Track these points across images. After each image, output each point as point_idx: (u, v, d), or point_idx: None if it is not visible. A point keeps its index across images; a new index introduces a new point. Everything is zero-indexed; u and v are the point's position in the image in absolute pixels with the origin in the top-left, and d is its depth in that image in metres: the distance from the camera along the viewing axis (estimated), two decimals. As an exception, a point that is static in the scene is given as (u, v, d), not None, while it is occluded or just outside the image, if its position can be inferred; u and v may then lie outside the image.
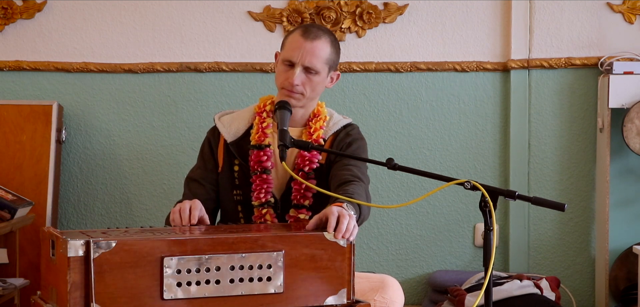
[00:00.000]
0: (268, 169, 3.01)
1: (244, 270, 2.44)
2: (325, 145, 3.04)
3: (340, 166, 2.98)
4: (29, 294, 3.79)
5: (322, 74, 3.03)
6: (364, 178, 2.96)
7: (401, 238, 4.59)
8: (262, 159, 3.01)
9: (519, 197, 2.54)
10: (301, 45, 3.00)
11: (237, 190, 3.05)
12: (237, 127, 3.09)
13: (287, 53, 3.02)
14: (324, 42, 3.01)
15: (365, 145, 3.13)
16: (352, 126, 3.14)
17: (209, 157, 3.11)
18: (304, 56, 2.99)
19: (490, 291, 2.50)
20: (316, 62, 3.00)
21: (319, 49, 3.00)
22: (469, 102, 4.55)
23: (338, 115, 3.14)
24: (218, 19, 4.48)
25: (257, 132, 3.04)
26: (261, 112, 3.08)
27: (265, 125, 3.05)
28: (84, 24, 4.48)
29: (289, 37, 3.06)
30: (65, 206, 4.53)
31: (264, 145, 3.03)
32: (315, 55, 2.99)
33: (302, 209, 3.00)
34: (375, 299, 2.88)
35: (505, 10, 4.50)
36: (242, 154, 3.05)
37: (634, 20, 4.50)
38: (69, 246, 2.29)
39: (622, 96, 4.32)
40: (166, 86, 4.51)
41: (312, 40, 3.00)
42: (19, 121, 4.31)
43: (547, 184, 4.57)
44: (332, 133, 3.08)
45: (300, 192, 2.99)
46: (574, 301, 4.56)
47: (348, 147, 3.06)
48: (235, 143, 3.07)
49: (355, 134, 3.11)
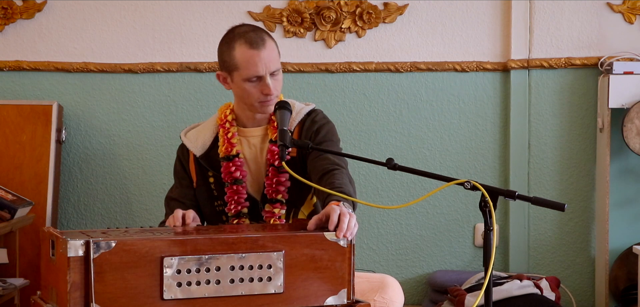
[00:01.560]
0: (239, 180, 3.00)
1: (244, 270, 2.44)
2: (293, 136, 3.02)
3: (317, 155, 2.95)
4: (29, 294, 3.79)
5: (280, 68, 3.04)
6: (342, 163, 2.94)
7: (401, 238, 4.59)
8: (231, 170, 3.00)
9: (519, 197, 2.54)
10: (259, 56, 2.96)
11: (217, 201, 3.05)
12: (204, 140, 3.08)
13: (250, 70, 2.98)
14: (271, 43, 3.01)
15: (333, 128, 3.09)
16: (316, 111, 3.10)
17: (183, 174, 3.10)
18: (267, 64, 2.96)
19: (490, 291, 2.50)
20: (277, 63, 3.00)
21: (273, 52, 2.99)
22: (469, 102, 4.55)
23: (300, 104, 3.11)
24: (218, 19, 4.48)
25: (224, 144, 3.03)
26: (224, 123, 3.07)
27: (230, 135, 3.04)
28: (84, 24, 4.48)
29: (237, 55, 3.00)
30: (65, 206, 4.53)
31: (233, 156, 3.02)
32: (273, 59, 2.98)
33: (276, 203, 2.99)
34: (375, 299, 2.87)
35: (505, 10, 4.50)
36: (214, 165, 3.04)
37: (634, 20, 4.50)
38: (69, 246, 2.29)
39: (622, 96, 4.32)
40: (166, 86, 4.51)
41: (265, 47, 2.97)
42: (19, 121, 4.31)
43: (547, 184, 4.57)
44: (297, 123, 3.05)
45: (273, 187, 2.98)
46: (574, 301, 4.56)
47: (317, 134, 3.03)
48: (205, 156, 3.06)
49: (320, 119, 3.07)
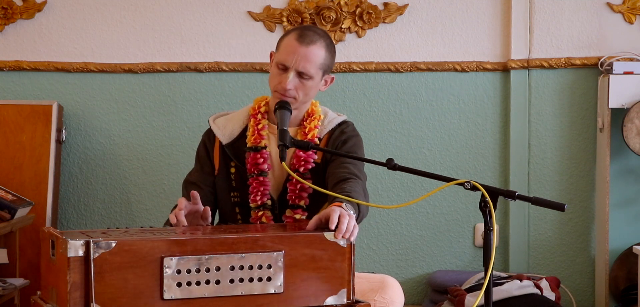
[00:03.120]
0: (265, 171, 3.00)
1: (243, 270, 2.44)
2: (321, 144, 3.03)
3: (337, 164, 2.97)
4: (29, 294, 3.79)
5: (316, 79, 3.01)
6: (361, 175, 2.95)
7: (401, 238, 4.59)
8: (258, 161, 3.00)
9: (519, 197, 2.54)
10: (296, 49, 2.96)
11: (235, 192, 3.05)
12: (232, 129, 3.08)
13: (282, 56, 2.99)
14: (318, 47, 2.98)
15: (360, 142, 3.11)
16: (347, 123, 3.12)
17: (205, 160, 3.10)
18: (298, 61, 2.95)
19: (490, 291, 2.50)
20: (310, 68, 2.97)
21: (313, 55, 2.96)
22: (469, 102, 4.55)
23: (332, 114, 3.12)
24: (218, 19, 4.48)
25: (253, 135, 3.03)
26: (256, 114, 3.07)
27: (261, 127, 3.04)
28: (84, 24, 4.48)
29: (285, 39, 3.02)
30: (65, 206, 4.53)
31: (260, 148, 3.02)
32: (309, 61, 2.96)
33: (298, 209, 3.00)
34: (375, 299, 2.87)
35: (505, 10, 4.50)
36: (238, 155, 3.05)
37: (634, 20, 4.50)
38: (69, 246, 2.29)
39: (622, 96, 4.32)
40: (166, 86, 4.51)
41: (307, 45, 2.96)
42: (19, 121, 4.31)
43: (547, 184, 4.57)
44: (328, 131, 3.07)
45: (296, 193, 2.99)
46: (574, 301, 4.56)
47: (343, 144, 3.05)
48: (231, 145, 3.06)
49: (350, 131, 3.09)
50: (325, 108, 3.13)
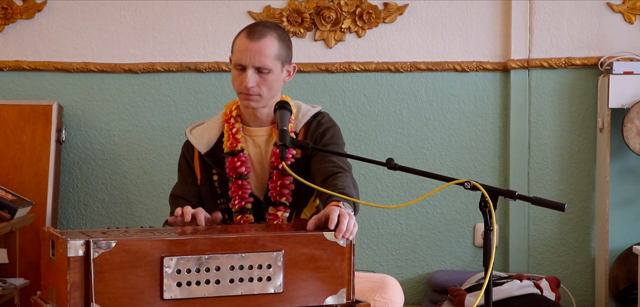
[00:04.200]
0: (243, 175, 3.00)
1: (243, 270, 2.44)
2: (299, 138, 3.01)
3: (321, 158, 2.95)
4: (29, 294, 3.79)
5: (275, 71, 2.98)
6: (346, 167, 2.93)
7: (401, 238, 4.59)
8: (236, 165, 3.00)
9: (519, 197, 2.54)
10: (248, 47, 2.95)
11: (221, 199, 3.04)
12: (209, 137, 3.07)
13: (236, 57, 2.98)
14: (269, 40, 2.96)
15: (339, 131, 3.08)
16: (322, 114, 3.09)
17: (187, 171, 3.09)
18: (252, 57, 2.94)
19: (490, 291, 2.50)
20: (266, 61, 2.95)
21: (266, 48, 2.95)
22: (469, 102, 4.55)
23: (306, 106, 3.10)
24: (218, 19, 4.48)
25: (229, 140, 3.03)
26: (229, 119, 3.06)
27: (235, 130, 3.03)
28: (84, 24, 4.48)
29: (237, 40, 3.01)
30: (65, 206, 4.53)
31: (237, 151, 3.01)
32: (263, 55, 2.95)
33: (280, 206, 2.99)
34: (375, 299, 2.87)
35: (505, 10, 4.50)
36: (218, 162, 3.04)
37: (634, 20, 4.50)
38: (69, 246, 2.29)
39: (622, 96, 4.32)
40: (166, 86, 4.51)
41: (258, 40, 2.95)
42: (19, 121, 4.31)
43: (547, 184, 4.57)
44: (303, 125, 3.04)
45: (277, 190, 2.98)
46: (574, 301, 4.56)
47: (322, 136, 3.02)
48: (210, 153, 3.05)
49: (327, 121, 3.06)
50: (297, 101, 3.10)
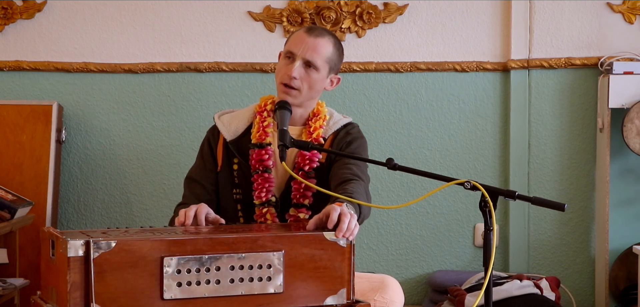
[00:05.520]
0: (269, 168, 3.01)
1: (243, 270, 2.44)
2: (326, 145, 3.05)
3: (341, 164, 2.98)
4: (29, 294, 3.79)
5: (322, 72, 3.03)
6: (363, 176, 2.96)
7: (401, 238, 4.59)
8: (263, 157, 3.01)
9: (519, 197, 2.54)
10: (304, 39, 3.02)
11: (237, 189, 3.05)
12: (237, 126, 3.09)
13: (290, 46, 3.05)
14: (326, 41, 3.04)
15: (365, 144, 3.13)
16: (352, 125, 3.14)
17: (209, 156, 3.11)
18: (305, 50, 3.00)
19: (490, 291, 2.50)
20: (317, 58, 3.01)
21: (320, 46, 3.02)
22: (469, 102, 4.55)
23: (338, 115, 3.14)
24: (218, 19, 4.48)
25: (258, 131, 3.05)
26: (262, 111, 3.09)
27: (266, 124, 3.05)
28: (84, 24, 4.48)
29: (293, 34, 3.09)
30: (65, 206, 4.53)
31: (265, 144, 3.03)
32: (316, 51, 3.01)
33: (302, 208, 3.00)
34: (375, 299, 2.87)
35: (505, 10, 4.50)
36: (242, 152, 3.05)
37: (634, 20, 4.50)
38: (69, 246, 2.29)
39: (622, 96, 4.32)
40: (166, 86, 4.51)
41: (316, 37, 3.02)
42: (19, 121, 4.31)
43: (547, 184, 4.57)
44: (332, 132, 3.08)
45: (300, 192, 2.99)
46: (574, 301, 4.56)
47: (348, 146, 3.06)
48: (235, 142, 3.07)
49: (355, 132, 3.11)
50: (331, 109, 3.16)
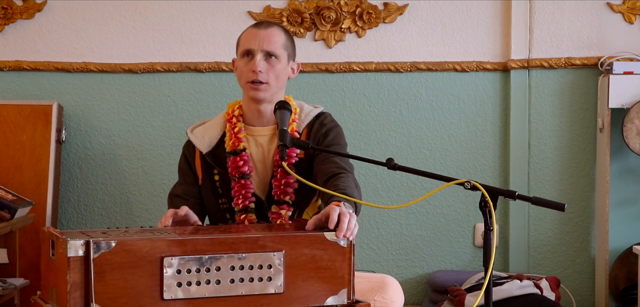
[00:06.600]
0: (246, 174, 3.00)
1: (244, 270, 2.44)
2: (301, 138, 3.02)
3: (323, 158, 2.95)
4: (29, 294, 3.79)
5: (283, 61, 3.02)
6: (348, 167, 2.94)
7: (401, 238, 4.59)
8: (239, 164, 3.00)
9: (519, 197, 2.54)
10: (256, 34, 3.01)
11: (222, 198, 3.04)
12: (211, 137, 3.08)
13: (244, 45, 3.02)
14: (277, 29, 3.03)
15: (341, 132, 3.10)
16: (325, 114, 3.10)
17: (188, 171, 3.10)
18: (261, 42, 2.99)
19: (490, 291, 2.50)
20: (274, 47, 3.00)
21: (274, 35, 3.01)
22: (469, 102, 4.55)
23: (308, 106, 3.11)
24: (218, 19, 4.48)
25: (231, 139, 3.03)
26: (231, 118, 3.06)
27: (237, 130, 3.03)
28: (84, 24, 4.48)
29: (242, 35, 3.07)
30: (65, 206, 4.53)
31: (239, 151, 3.01)
32: (272, 41, 3.00)
33: (283, 204, 2.99)
34: (375, 299, 2.87)
35: (505, 10, 4.50)
36: (220, 162, 3.04)
37: (634, 20, 4.50)
38: (69, 246, 2.29)
39: (622, 96, 4.32)
40: (166, 86, 4.51)
41: (266, 29, 3.02)
42: (19, 121, 4.31)
43: (547, 184, 4.57)
44: (306, 125, 3.05)
45: (281, 188, 2.98)
46: (574, 301, 4.56)
47: (325, 137, 3.03)
48: (211, 153, 3.05)
49: (329, 122, 3.08)
50: (299, 102, 3.12)
